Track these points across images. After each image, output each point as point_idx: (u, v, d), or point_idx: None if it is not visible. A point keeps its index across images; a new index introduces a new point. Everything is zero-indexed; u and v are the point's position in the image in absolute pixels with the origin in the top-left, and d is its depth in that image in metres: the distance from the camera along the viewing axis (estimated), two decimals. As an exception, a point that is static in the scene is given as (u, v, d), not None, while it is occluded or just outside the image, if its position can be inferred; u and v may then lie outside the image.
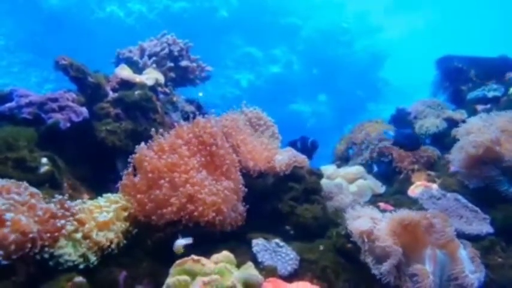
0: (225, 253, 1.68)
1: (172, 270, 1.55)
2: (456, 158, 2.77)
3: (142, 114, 2.73)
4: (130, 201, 1.99)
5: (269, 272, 1.86)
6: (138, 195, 1.96)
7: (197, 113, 2.40)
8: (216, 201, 1.95)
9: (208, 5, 13.27)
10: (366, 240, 1.97)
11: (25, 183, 1.76)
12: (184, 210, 1.90)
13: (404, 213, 2.00)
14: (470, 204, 2.53)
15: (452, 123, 3.49)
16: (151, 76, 3.00)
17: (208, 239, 1.97)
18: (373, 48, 15.04)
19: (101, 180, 2.45)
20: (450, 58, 4.24)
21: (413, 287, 1.74)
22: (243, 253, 2.00)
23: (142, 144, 2.14)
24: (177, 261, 1.56)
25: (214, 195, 1.96)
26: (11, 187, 1.69)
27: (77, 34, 11.48)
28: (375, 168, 3.39)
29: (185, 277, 1.47)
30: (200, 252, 1.62)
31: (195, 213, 1.89)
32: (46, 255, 1.62)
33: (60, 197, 1.82)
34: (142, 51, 3.32)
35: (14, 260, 1.54)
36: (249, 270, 1.61)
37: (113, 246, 1.80)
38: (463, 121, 3.16)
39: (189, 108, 3.33)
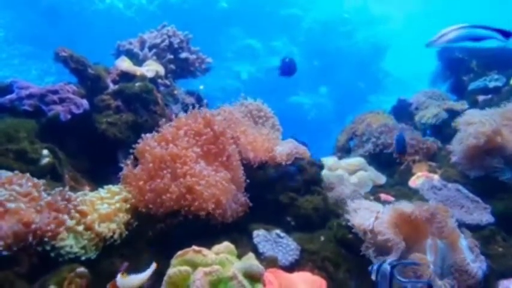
0: (226, 244, 1.68)
1: (173, 261, 1.55)
2: (457, 148, 2.76)
3: (142, 106, 2.73)
4: (132, 192, 1.99)
5: (270, 262, 1.87)
6: (140, 183, 1.96)
7: (197, 105, 2.40)
8: (214, 193, 1.95)
9: (208, -4, 13.18)
10: (368, 233, 1.97)
11: (27, 175, 1.76)
12: (184, 199, 1.90)
13: (405, 205, 2.01)
14: (471, 195, 2.53)
15: (454, 113, 3.48)
16: (151, 68, 3.00)
17: (209, 231, 1.98)
18: (374, 39, 14.93)
19: (101, 172, 2.45)
20: (451, 48, 4.22)
21: (414, 276, 1.74)
22: (244, 244, 2.00)
23: (147, 134, 2.15)
24: (179, 252, 1.56)
25: (213, 187, 1.97)
26: (13, 178, 1.70)
27: (76, 26, 11.42)
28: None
29: (186, 268, 1.48)
30: (201, 243, 1.63)
31: (196, 203, 1.89)
32: (48, 247, 1.63)
33: (61, 188, 1.83)
34: (142, 43, 3.30)
35: (16, 251, 1.55)
36: (250, 260, 1.61)
37: (115, 236, 1.81)
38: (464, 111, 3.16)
39: (190, 100, 3.32)
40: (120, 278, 1.56)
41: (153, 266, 1.60)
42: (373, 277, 1.67)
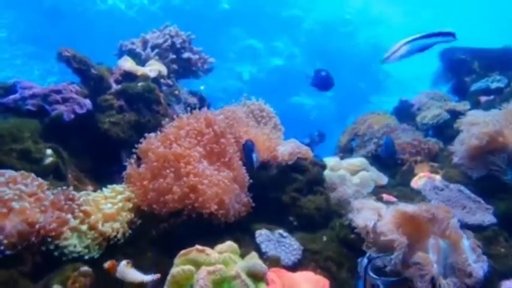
0: (229, 243, 1.69)
1: (176, 260, 1.56)
2: (459, 149, 2.76)
3: (145, 105, 2.74)
4: (135, 191, 2.00)
5: (273, 262, 1.88)
6: (144, 182, 1.97)
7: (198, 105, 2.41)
8: (217, 192, 1.96)
9: (210, -3, 13.21)
10: (370, 234, 1.98)
11: (32, 175, 1.77)
12: (187, 199, 1.91)
13: (407, 206, 2.01)
14: (473, 195, 2.53)
15: (455, 114, 3.48)
16: (154, 68, 3.00)
17: (212, 230, 1.99)
18: (375, 40, 14.94)
19: (104, 172, 2.46)
20: (453, 49, 4.22)
21: (416, 275, 1.74)
22: (247, 244, 2.01)
23: (151, 134, 2.16)
24: (182, 251, 1.57)
25: (216, 186, 1.97)
26: (17, 178, 1.71)
27: (78, 26, 11.44)
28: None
29: (189, 267, 1.49)
30: (204, 242, 1.63)
31: (200, 199, 1.90)
32: (51, 246, 1.64)
33: (65, 188, 1.83)
34: (145, 43, 3.32)
35: (19, 250, 1.55)
36: (253, 260, 1.62)
37: (119, 236, 1.81)
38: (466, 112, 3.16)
39: (192, 100, 3.33)
40: (123, 266, 1.57)
41: (156, 276, 1.60)
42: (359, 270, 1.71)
